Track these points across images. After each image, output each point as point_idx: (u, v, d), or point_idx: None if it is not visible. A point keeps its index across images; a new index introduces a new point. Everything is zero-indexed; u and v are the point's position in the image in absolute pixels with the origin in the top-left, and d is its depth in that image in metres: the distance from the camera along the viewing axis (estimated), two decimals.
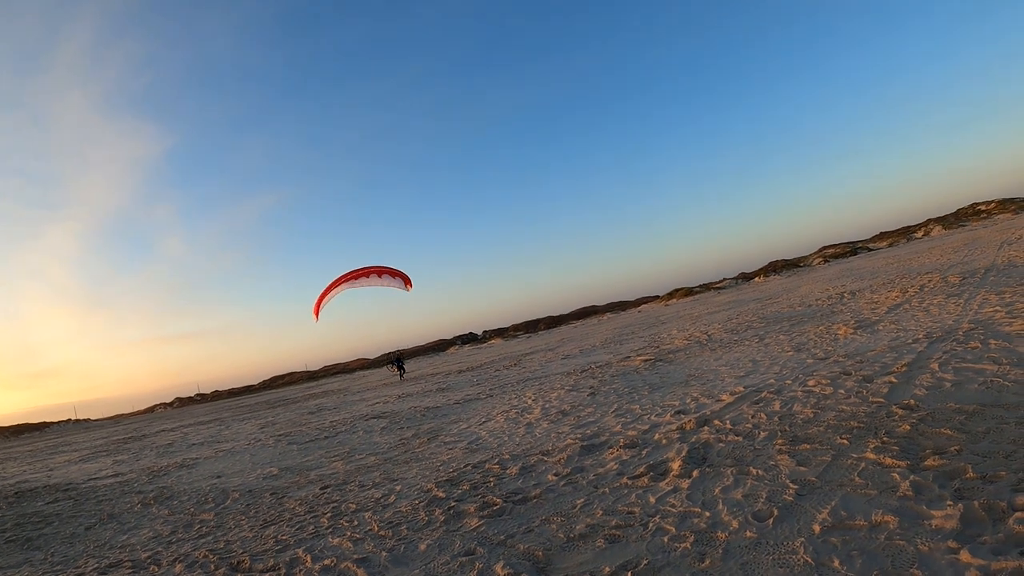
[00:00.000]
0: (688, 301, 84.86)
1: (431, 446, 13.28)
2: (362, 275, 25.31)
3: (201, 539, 9.18)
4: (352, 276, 25.00)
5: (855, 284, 32.86)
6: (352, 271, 25.19)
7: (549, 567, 5.63)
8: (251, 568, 7.32)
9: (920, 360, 10.83)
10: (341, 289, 25.04)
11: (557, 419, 13.25)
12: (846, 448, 7.03)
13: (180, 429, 36.35)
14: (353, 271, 25.21)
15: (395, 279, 26.09)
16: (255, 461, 16.11)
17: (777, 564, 4.77)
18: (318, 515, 9.19)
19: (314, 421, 24.73)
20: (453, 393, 24.74)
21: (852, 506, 5.46)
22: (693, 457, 8.02)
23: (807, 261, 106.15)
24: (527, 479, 8.80)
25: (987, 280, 20.19)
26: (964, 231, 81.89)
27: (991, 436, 6.39)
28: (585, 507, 7.04)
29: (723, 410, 10.43)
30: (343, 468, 12.65)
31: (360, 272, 25.26)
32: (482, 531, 6.99)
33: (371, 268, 25.50)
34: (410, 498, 9.06)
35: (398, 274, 26.06)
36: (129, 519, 11.55)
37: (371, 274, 25.49)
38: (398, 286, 26.23)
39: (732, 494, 6.43)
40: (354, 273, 25.06)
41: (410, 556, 6.69)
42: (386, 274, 25.86)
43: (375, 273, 25.57)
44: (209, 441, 24.68)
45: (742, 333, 22.33)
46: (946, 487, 5.40)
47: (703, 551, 5.24)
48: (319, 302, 24.45)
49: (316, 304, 24.40)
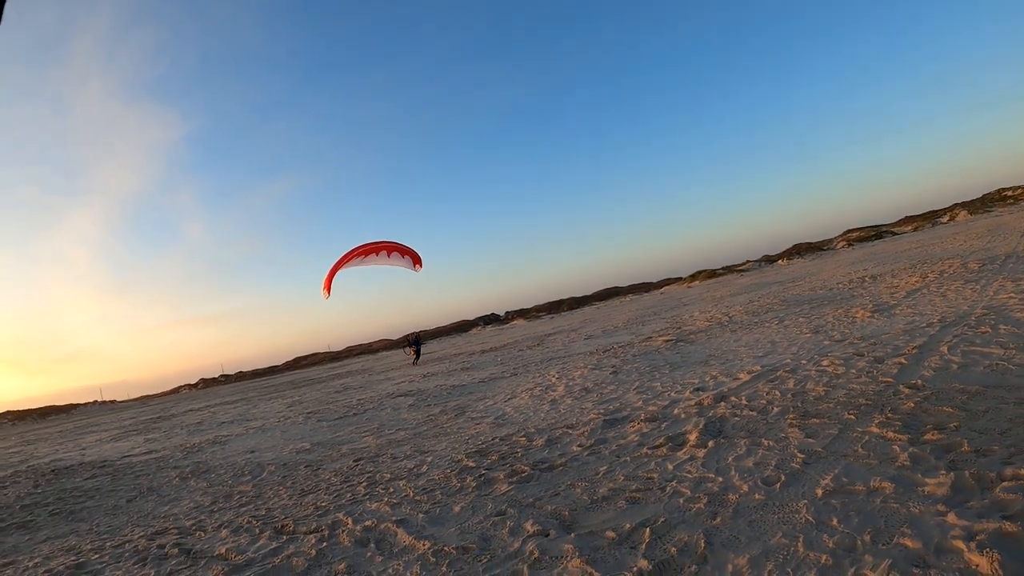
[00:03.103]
0: (711, 283, 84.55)
1: (459, 421, 13.67)
2: (371, 251, 24.66)
3: (242, 507, 9.54)
4: (361, 252, 24.45)
5: (877, 268, 32.96)
6: (361, 246, 24.62)
7: (575, 524, 6.06)
8: (295, 531, 7.70)
9: (931, 343, 11.14)
10: (351, 265, 24.53)
11: (580, 396, 13.62)
12: (852, 423, 7.40)
13: (207, 409, 36.84)
14: (362, 246, 24.63)
15: (404, 258, 25.35)
16: (286, 437, 16.56)
17: (781, 522, 5.18)
18: (354, 484, 9.59)
19: (341, 399, 25.20)
20: (478, 372, 25.16)
21: (853, 473, 5.84)
22: (709, 430, 8.43)
23: (831, 244, 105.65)
24: (552, 450, 9.22)
25: (1006, 267, 20.34)
26: (989, 217, 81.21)
27: (990, 415, 6.71)
28: (608, 474, 7.47)
29: (740, 387, 10.81)
30: (374, 442, 13.05)
31: (370, 247, 24.63)
32: (511, 495, 7.42)
33: (380, 244, 24.76)
34: (442, 467, 9.48)
35: (408, 252, 25.22)
36: (168, 492, 11.94)
37: (380, 251, 24.78)
38: (407, 266, 25.51)
39: (744, 462, 6.84)
40: (363, 249, 24.50)
41: (445, 517, 7.12)
42: (395, 252, 25.12)
43: (384, 250, 24.85)
44: (238, 419, 25.19)
45: (762, 315, 22.62)
46: (942, 459, 5.74)
47: (715, 511, 5.66)
48: (329, 277, 23.97)
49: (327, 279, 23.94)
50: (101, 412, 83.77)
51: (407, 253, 25.45)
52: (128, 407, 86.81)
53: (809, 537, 4.81)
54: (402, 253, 25.35)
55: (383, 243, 24.97)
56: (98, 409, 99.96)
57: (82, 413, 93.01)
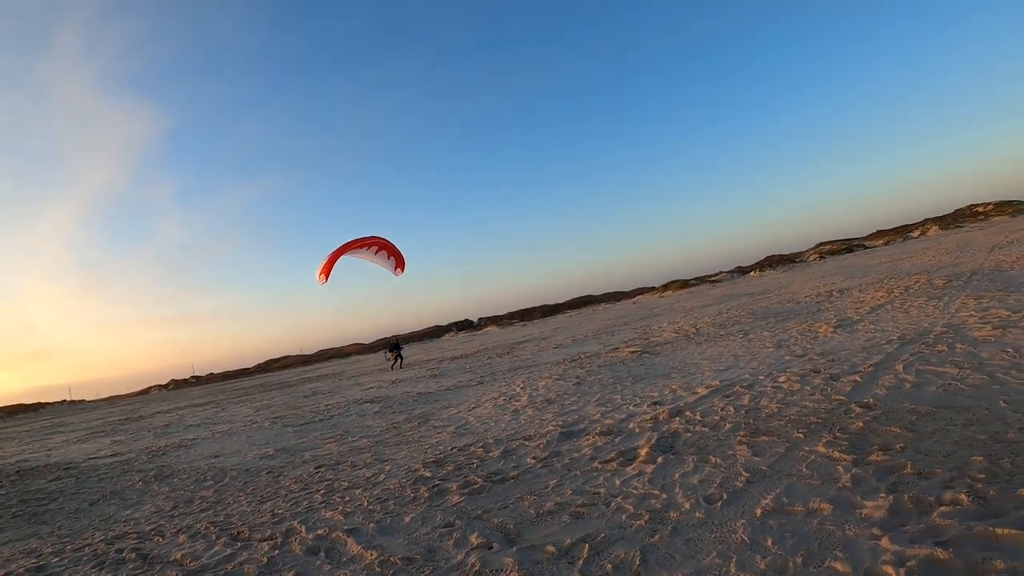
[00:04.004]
0: (683, 293, 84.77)
1: (421, 430, 13.74)
2: (364, 245, 24.44)
3: (202, 513, 9.61)
4: (357, 244, 24.17)
5: (845, 282, 33.23)
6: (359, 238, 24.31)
7: (518, 538, 6.15)
8: (250, 538, 7.79)
9: (887, 361, 11.26)
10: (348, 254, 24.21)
11: (542, 407, 13.73)
12: (800, 441, 7.51)
13: (176, 411, 36.56)
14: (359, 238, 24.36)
15: (389, 259, 25.09)
16: (251, 442, 16.55)
17: (717, 542, 5.26)
18: (312, 492, 9.67)
19: (309, 404, 25.16)
20: (446, 380, 25.19)
21: (794, 494, 5.93)
22: (661, 445, 8.52)
23: (803, 257, 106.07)
24: (507, 461, 9.31)
25: (970, 284, 20.53)
26: (960, 232, 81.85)
27: (936, 436, 6.80)
28: (557, 487, 7.56)
29: (696, 402, 10.89)
30: (336, 449, 13.12)
31: (364, 241, 24.40)
32: (461, 507, 7.51)
33: (374, 240, 24.60)
34: (398, 477, 9.55)
35: (394, 253, 24.99)
36: (131, 495, 11.95)
37: (372, 246, 24.59)
38: (388, 267, 25.28)
39: (690, 479, 6.93)
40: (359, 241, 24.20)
41: (395, 527, 7.21)
42: (383, 250, 24.91)
43: (375, 245, 24.68)
44: (206, 423, 25.08)
45: (729, 328, 22.77)
46: (883, 481, 5.83)
47: (655, 528, 5.75)
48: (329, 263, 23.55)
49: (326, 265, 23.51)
50: (70, 412, 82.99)
51: (393, 254, 25.17)
52: (97, 407, 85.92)
53: (742, 558, 4.89)
54: (389, 253, 25.07)
55: (376, 239, 24.72)
56: (67, 409, 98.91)
57: (50, 412, 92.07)
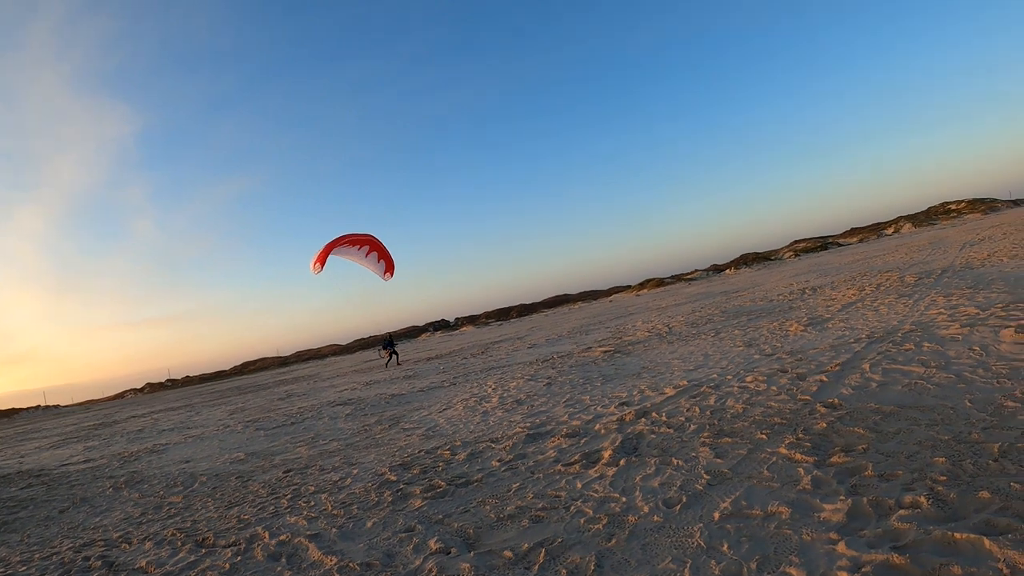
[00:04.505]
0: (659, 292, 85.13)
1: (391, 432, 13.72)
2: (357, 242, 23.97)
3: (169, 519, 9.56)
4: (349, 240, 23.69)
5: (818, 280, 33.43)
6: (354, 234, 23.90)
7: (477, 543, 6.14)
8: (215, 544, 7.77)
9: (855, 360, 11.27)
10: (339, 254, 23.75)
11: (512, 408, 13.74)
12: (763, 443, 7.51)
13: (150, 415, 36.41)
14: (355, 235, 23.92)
15: (379, 263, 24.75)
16: (223, 447, 16.49)
17: (673, 546, 5.26)
18: (279, 497, 9.63)
19: (283, 407, 25.06)
20: (419, 381, 25.10)
21: (753, 497, 5.92)
22: (625, 447, 8.52)
23: (778, 255, 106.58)
24: (473, 464, 9.31)
25: (941, 281, 20.63)
26: (933, 230, 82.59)
27: (900, 437, 6.78)
28: (519, 491, 7.56)
29: (663, 403, 10.91)
30: (307, 453, 13.08)
31: (358, 239, 23.95)
32: (423, 511, 7.51)
33: (367, 239, 24.13)
34: (364, 481, 9.55)
35: (385, 257, 24.68)
36: (101, 503, 11.89)
37: (363, 245, 24.19)
38: (378, 272, 24.94)
39: (650, 482, 6.93)
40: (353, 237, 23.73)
41: (357, 532, 7.20)
42: (374, 252, 24.56)
43: (367, 245, 24.25)
44: (179, 427, 24.94)
45: (701, 327, 22.82)
46: (844, 483, 5.81)
47: (612, 532, 5.74)
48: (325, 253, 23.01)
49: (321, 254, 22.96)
50: (44, 417, 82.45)
51: (384, 258, 24.92)
52: (72, 412, 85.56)
53: (697, 563, 4.88)
54: (380, 256, 24.82)
55: (368, 238, 24.40)
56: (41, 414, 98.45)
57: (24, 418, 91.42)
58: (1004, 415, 6.83)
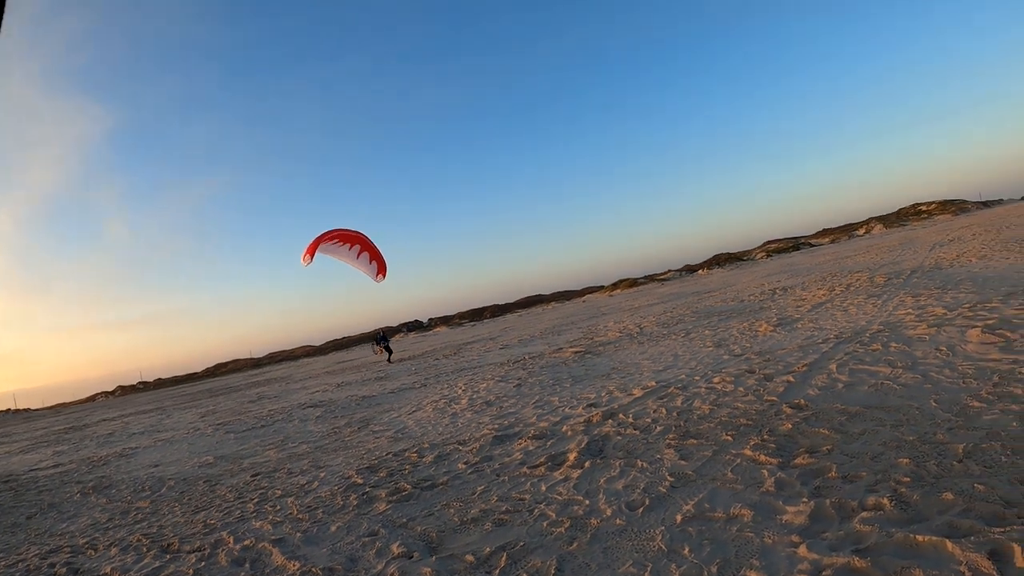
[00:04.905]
0: (632, 292, 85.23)
1: (360, 435, 13.65)
2: (349, 239, 23.50)
3: (136, 525, 9.47)
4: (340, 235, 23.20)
5: (789, 280, 33.54)
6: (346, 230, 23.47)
7: (440, 547, 6.12)
8: (180, 550, 7.71)
9: (822, 360, 11.30)
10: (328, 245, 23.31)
11: (481, 409, 13.72)
12: (729, 444, 7.51)
13: (121, 419, 36.04)
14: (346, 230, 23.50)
15: (371, 264, 24.39)
16: (192, 450, 16.34)
17: (635, 549, 5.24)
18: (246, 501, 9.57)
19: (254, 410, 24.90)
20: (390, 382, 25.13)
21: (717, 499, 5.91)
22: (590, 449, 8.51)
23: (751, 255, 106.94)
24: (439, 467, 9.28)
25: (910, 282, 20.73)
26: (904, 231, 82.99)
27: (864, 438, 6.79)
28: (483, 494, 7.54)
29: (630, 404, 10.91)
30: (275, 456, 12.97)
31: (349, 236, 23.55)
32: (388, 514, 7.48)
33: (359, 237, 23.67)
34: (331, 484, 9.49)
35: (377, 258, 24.30)
36: (69, 508, 11.76)
37: (355, 244, 23.80)
38: (370, 273, 24.63)
39: (615, 485, 6.92)
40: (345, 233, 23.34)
41: (321, 537, 7.16)
42: (366, 252, 24.22)
43: (359, 244, 23.86)
44: (149, 430, 24.68)
45: (672, 327, 22.87)
46: (808, 485, 5.80)
47: (574, 536, 5.72)
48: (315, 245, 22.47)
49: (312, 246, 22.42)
50: (14, 421, 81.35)
51: (376, 258, 24.57)
52: (42, 416, 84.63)
53: (658, 567, 4.87)
54: (371, 257, 24.47)
55: (360, 236, 24.04)
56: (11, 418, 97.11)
57: None
58: (969, 415, 6.84)
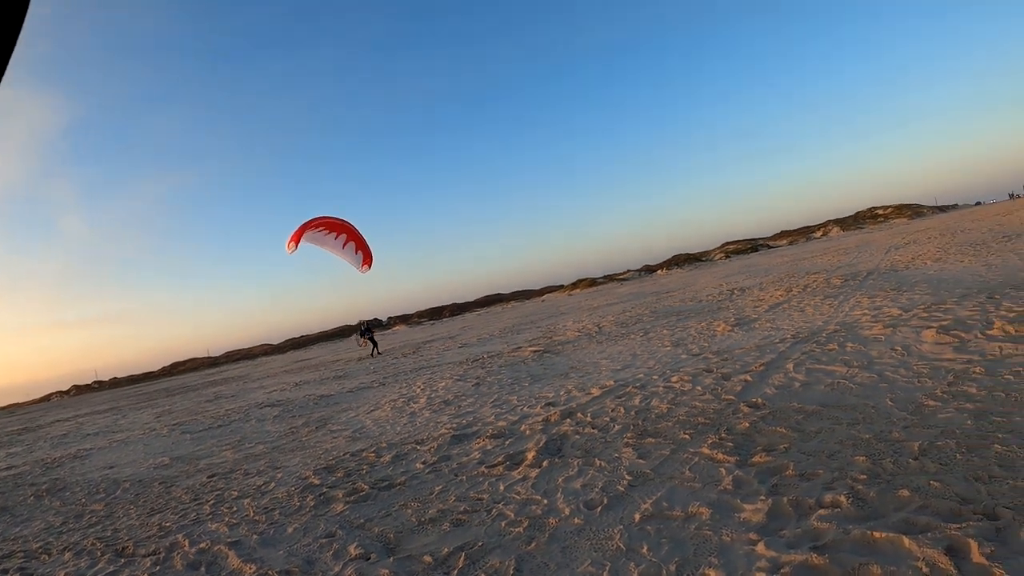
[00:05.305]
0: (591, 292, 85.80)
1: (318, 435, 13.60)
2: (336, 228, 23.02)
3: (91, 528, 9.35)
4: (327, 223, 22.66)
5: (747, 281, 33.88)
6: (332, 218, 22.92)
7: (397, 548, 6.09)
8: (134, 553, 7.60)
9: (779, 360, 11.40)
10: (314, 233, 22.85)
11: (439, 408, 13.73)
12: (687, 443, 7.52)
13: (76, 419, 35.71)
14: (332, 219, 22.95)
15: (357, 254, 24.08)
16: (148, 451, 16.14)
17: (593, 548, 5.24)
18: (202, 502, 9.46)
19: (211, 409, 24.74)
20: (348, 381, 25.09)
21: (675, 498, 5.92)
22: (549, 448, 8.53)
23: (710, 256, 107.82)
24: (397, 467, 9.25)
25: (866, 283, 21.01)
26: (860, 233, 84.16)
27: (821, 436, 6.84)
28: (441, 494, 7.51)
29: (589, 403, 10.95)
30: (232, 457, 12.87)
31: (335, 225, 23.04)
32: (345, 515, 7.42)
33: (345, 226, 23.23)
34: (288, 485, 9.42)
35: (363, 248, 24.00)
36: (22, 512, 11.59)
37: (341, 234, 23.37)
38: (355, 264, 24.36)
39: (573, 484, 6.92)
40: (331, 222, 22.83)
41: (278, 539, 7.09)
42: (352, 242, 23.83)
43: (345, 234, 23.40)
44: (104, 431, 24.41)
45: (631, 327, 23.03)
46: (765, 483, 5.83)
47: (532, 535, 5.71)
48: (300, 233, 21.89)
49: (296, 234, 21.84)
50: None
51: (362, 249, 24.25)
52: None
53: (616, 565, 4.86)
54: (357, 247, 24.14)
55: (346, 225, 23.67)
56: None
57: None
58: (925, 414, 6.91)
